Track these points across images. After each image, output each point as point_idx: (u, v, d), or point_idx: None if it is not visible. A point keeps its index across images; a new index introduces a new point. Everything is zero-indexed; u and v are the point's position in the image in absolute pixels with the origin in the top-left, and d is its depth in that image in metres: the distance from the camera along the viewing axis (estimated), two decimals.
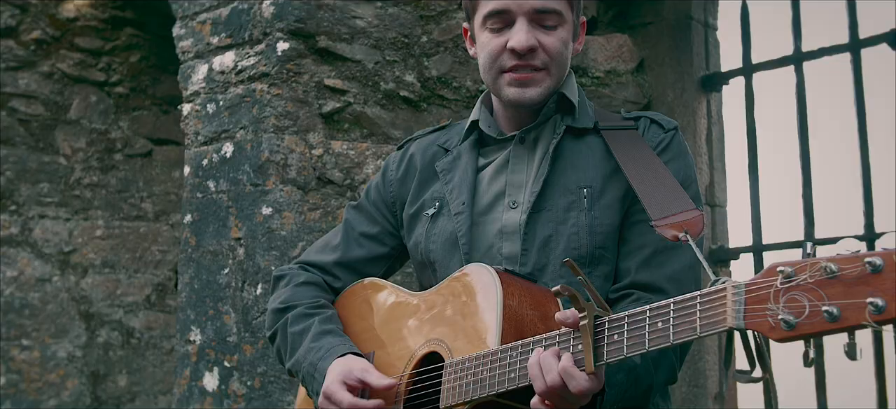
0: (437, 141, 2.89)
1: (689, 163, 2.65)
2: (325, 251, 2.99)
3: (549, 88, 2.61)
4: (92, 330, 6.59)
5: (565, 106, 2.68)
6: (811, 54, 5.31)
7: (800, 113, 5.32)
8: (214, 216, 4.82)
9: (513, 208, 2.62)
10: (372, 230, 2.94)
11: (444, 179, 2.77)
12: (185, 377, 4.84)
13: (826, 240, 5.26)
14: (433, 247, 2.72)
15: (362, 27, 4.76)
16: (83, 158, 6.69)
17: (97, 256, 6.67)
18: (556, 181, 2.59)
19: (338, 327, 2.80)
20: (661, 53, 5.53)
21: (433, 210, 2.76)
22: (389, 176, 2.94)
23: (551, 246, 2.55)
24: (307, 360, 2.70)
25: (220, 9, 4.98)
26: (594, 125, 2.68)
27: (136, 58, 6.74)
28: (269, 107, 4.67)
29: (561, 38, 2.60)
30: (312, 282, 2.93)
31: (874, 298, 1.69)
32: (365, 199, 2.98)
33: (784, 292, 1.80)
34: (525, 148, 2.67)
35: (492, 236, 2.62)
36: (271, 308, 2.93)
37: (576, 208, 2.56)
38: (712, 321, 1.93)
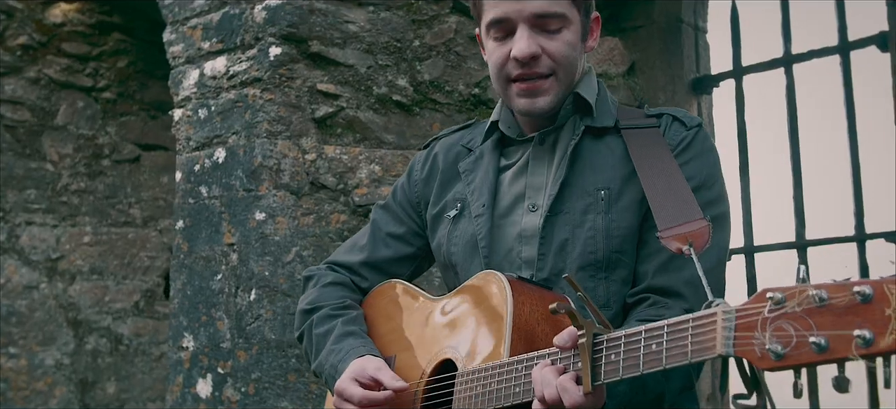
0: (461, 140, 2.86)
1: (712, 161, 2.57)
2: (352, 251, 2.99)
3: (558, 95, 2.57)
4: (80, 337, 6.56)
5: (582, 106, 2.63)
6: (801, 57, 5.34)
7: (790, 115, 5.35)
8: (207, 222, 4.81)
9: (532, 211, 2.58)
10: (398, 231, 2.93)
11: (466, 180, 2.74)
12: (178, 383, 4.82)
13: (817, 241, 5.29)
14: (454, 249, 2.70)
15: (355, 32, 4.76)
16: (70, 165, 6.66)
17: (85, 262, 6.64)
18: (574, 183, 2.55)
19: (360, 329, 2.80)
20: (651, 56, 5.55)
21: (455, 211, 2.73)
22: (414, 176, 2.92)
23: (568, 250, 2.51)
24: (329, 361, 2.71)
25: (211, 14, 4.96)
26: (614, 124, 2.63)
27: (123, 63, 6.71)
28: (262, 112, 4.66)
29: (566, 41, 2.54)
30: (339, 282, 2.93)
31: (862, 330, 1.63)
32: (392, 199, 2.97)
33: (773, 321, 1.75)
34: (544, 150, 2.63)
35: (511, 240, 2.60)
36: (299, 309, 2.94)
37: (593, 211, 2.51)
38: (703, 347, 1.89)
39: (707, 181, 2.51)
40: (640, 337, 2.01)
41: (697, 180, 2.49)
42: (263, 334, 4.55)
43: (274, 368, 4.53)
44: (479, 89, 4.87)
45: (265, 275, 4.58)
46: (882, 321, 1.62)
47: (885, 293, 1.62)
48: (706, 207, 2.44)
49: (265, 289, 4.57)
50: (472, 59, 4.89)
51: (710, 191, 2.50)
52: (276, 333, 4.54)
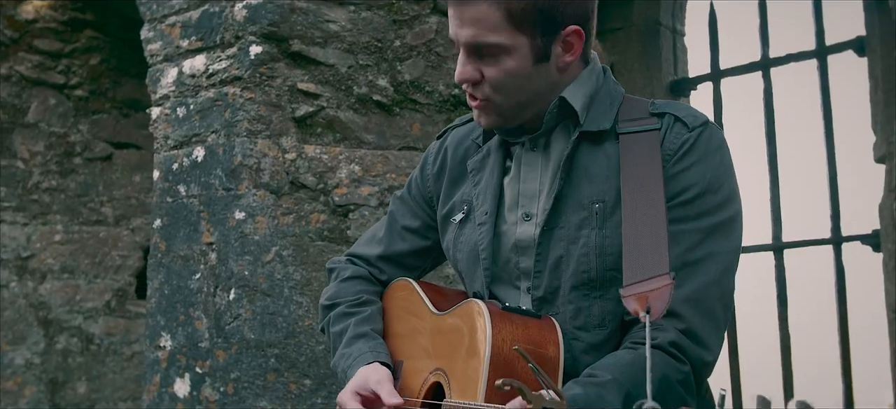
0: (471, 133, 2.75)
1: (717, 162, 2.42)
2: (371, 244, 2.95)
3: (504, 115, 2.48)
4: (50, 337, 6.51)
5: (569, 111, 2.50)
6: (779, 60, 5.38)
7: (767, 118, 5.39)
8: (185, 221, 4.78)
9: (526, 220, 2.52)
10: (414, 224, 2.88)
11: (473, 180, 2.66)
12: (155, 383, 4.79)
13: (794, 243, 5.33)
14: (460, 256, 2.65)
15: (336, 31, 4.74)
16: (42, 162, 6.60)
17: (56, 261, 6.59)
18: (570, 195, 2.46)
19: (372, 329, 2.76)
20: (630, 59, 5.57)
21: (461, 215, 2.66)
22: (427, 170, 2.85)
23: (562, 268, 2.44)
24: (340, 366, 2.69)
25: (190, 12, 4.93)
26: (613, 126, 2.48)
27: (96, 60, 6.66)
28: (242, 111, 4.64)
29: (505, 69, 2.39)
30: (358, 275, 2.90)
31: None
32: (407, 191, 2.91)
33: None
34: (536, 154, 2.55)
35: (508, 250, 2.54)
36: (321, 304, 2.92)
37: (587, 226, 2.42)
38: None
39: (711, 185, 2.38)
40: None
41: (700, 187, 2.38)
42: (243, 333, 4.53)
43: (253, 367, 4.51)
44: (459, 90, 4.87)
45: (245, 274, 4.56)
46: None
47: None
48: (708, 214, 2.36)
49: (245, 288, 4.55)
50: (453, 60, 4.88)
51: (715, 195, 2.38)
52: (256, 332, 4.52)
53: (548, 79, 2.46)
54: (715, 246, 2.35)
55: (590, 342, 2.44)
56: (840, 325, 5.22)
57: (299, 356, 4.53)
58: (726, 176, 2.42)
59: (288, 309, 4.54)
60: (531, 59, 2.41)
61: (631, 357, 2.32)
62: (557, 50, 2.45)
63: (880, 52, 4.97)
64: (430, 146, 2.91)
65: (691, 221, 2.35)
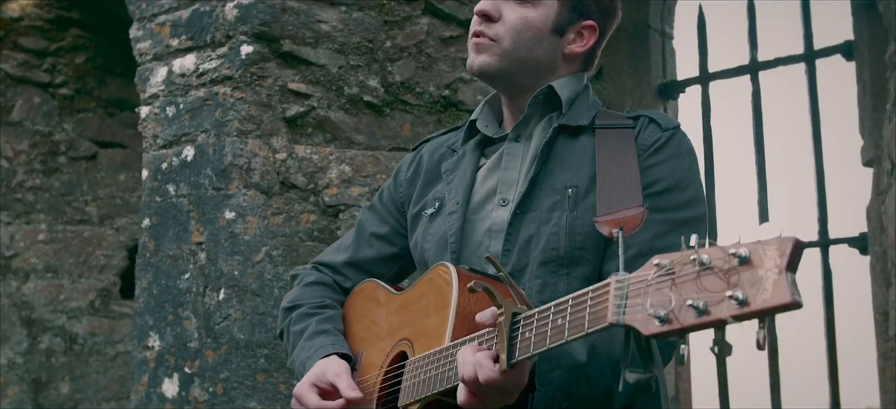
0: (447, 141, 2.83)
1: (687, 164, 2.51)
2: (337, 251, 2.98)
3: (500, 63, 2.54)
4: (34, 336, 6.47)
5: (555, 101, 2.59)
6: (767, 64, 5.41)
7: (755, 121, 5.41)
8: (174, 220, 4.77)
9: (502, 205, 2.56)
10: (382, 231, 2.91)
11: (446, 179, 2.71)
12: (143, 383, 4.77)
13: None
14: (427, 246, 2.68)
15: (327, 31, 4.74)
16: (26, 161, 6.57)
17: (39, 260, 6.55)
18: (544, 181, 2.52)
19: (334, 327, 2.78)
20: (619, 61, 5.59)
21: (432, 210, 2.71)
22: (400, 177, 2.90)
23: (531, 246, 2.49)
24: (299, 359, 2.70)
25: (180, 11, 4.92)
26: (590, 123, 2.59)
27: (81, 59, 6.63)
28: (233, 110, 4.63)
29: (524, 16, 2.52)
30: (321, 282, 2.91)
31: (736, 291, 1.60)
32: (378, 200, 2.95)
33: (657, 287, 1.73)
34: (519, 145, 2.61)
35: (481, 235, 2.57)
36: (281, 307, 2.93)
37: (559, 208, 2.48)
38: (597, 317, 1.87)
39: (680, 183, 2.47)
40: (549, 312, 2.00)
41: (669, 182, 2.46)
42: (232, 333, 4.52)
43: (242, 368, 4.51)
44: (449, 91, 4.88)
45: (234, 274, 4.55)
46: (755, 282, 1.59)
47: (760, 254, 1.60)
48: (675, 209, 2.44)
49: (234, 288, 4.54)
50: (443, 61, 4.90)
51: (682, 193, 2.46)
52: (246, 333, 4.51)
53: (551, 55, 2.57)
54: (680, 239, 2.40)
55: None
56: (827, 327, 5.25)
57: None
58: (694, 179, 2.51)
59: (278, 309, 4.51)
60: (550, 25, 2.53)
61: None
62: (571, 35, 2.56)
63: (868, 56, 5.00)
64: (404, 157, 2.96)
65: (659, 212, 2.42)
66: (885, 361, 4.92)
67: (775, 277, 1.58)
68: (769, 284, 1.58)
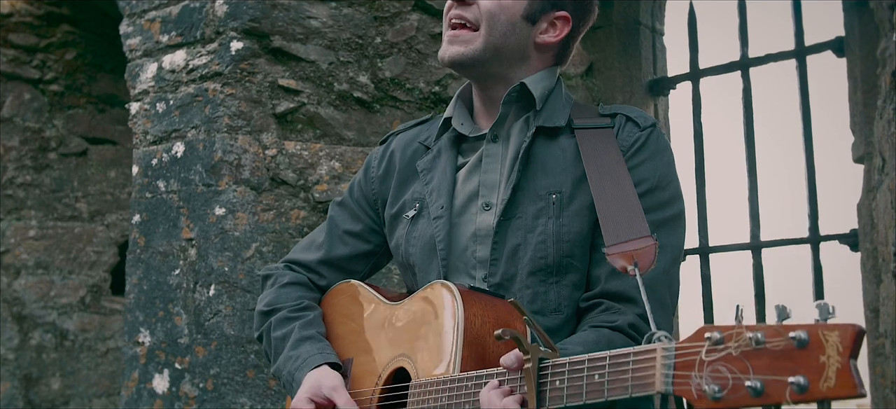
0: (418, 137, 2.83)
1: (666, 161, 2.56)
2: (310, 250, 2.96)
3: (475, 52, 2.54)
4: (24, 332, 6.46)
5: (528, 99, 2.61)
6: (758, 60, 5.40)
7: (746, 117, 5.40)
8: (164, 217, 4.76)
9: (486, 209, 2.57)
10: (355, 228, 2.90)
11: (424, 179, 2.71)
12: (134, 379, 4.77)
13: (772, 242, 5.35)
14: (413, 250, 2.68)
15: (317, 27, 4.73)
16: (16, 157, 6.55)
17: (30, 256, 6.54)
18: (527, 187, 2.54)
19: (318, 332, 2.77)
20: (610, 58, 5.58)
21: (413, 212, 2.70)
22: (371, 173, 2.89)
23: (519, 255, 2.50)
24: (286, 369, 2.69)
25: (169, 7, 4.91)
26: (568, 123, 2.60)
27: (71, 55, 6.61)
28: (223, 106, 4.62)
29: (499, 2, 2.53)
30: (297, 282, 2.90)
31: (797, 376, 1.61)
32: (349, 195, 2.94)
33: (710, 362, 1.73)
34: (498, 146, 2.62)
35: (466, 239, 2.58)
36: (257, 310, 2.91)
37: (544, 215, 2.50)
38: (643, 383, 1.87)
39: (661, 182, 2.51)
40: (584, 366, 2.00)
41: (651, 182, 2.49)
42: (222, 329, 4.51)
43: (233, 363, 4.50)
44: (439, 87, 4.87)
45: (224, 270, 4.54)
46: (816, 368, 1.60)
47: (820, 340, 1.61)
48: (658, 209, 2.47)
49: (224, 284, 4.54)
50: (433, 58, 4.89)
51: (664, 192, 2.50)
52: (236, 328, 4.50)
53: (523, 44, 2.59)
54: (664, 239, 2.45)
55: (546, 326, 2.49)
56: None
57: None
58: (673, 175, 2.55)
59: None
60: (522, 11, 2.55)
61: (595, 336, 2.39)
62: (543, 24, 2.58)
63: (859, 52, 4.99)
64: (372, 152, 2.96)
65: (645, 213, 2.43)
66: (876, 357, 4.92)
67: (838, 365, 1.59)
68: (832, 372, 1.59)
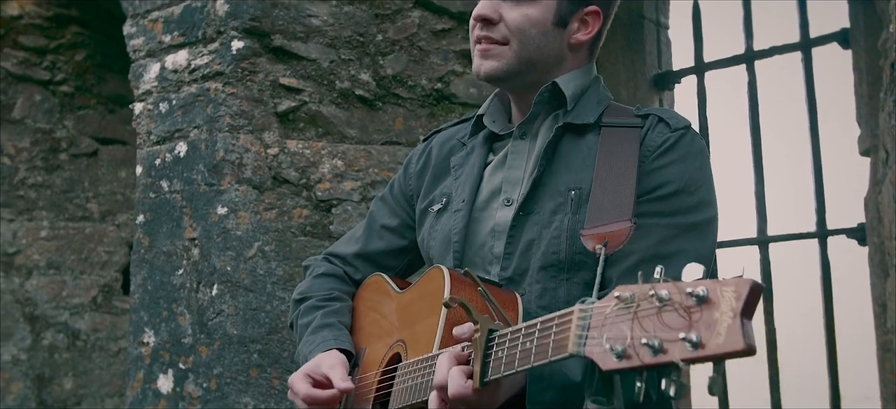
0: (457, 134, 2.81)
1: (697, 165, 2.44)
2: (349, 243, 2.98)
3: (509, 65, 2.51)
4: (37, 333, 6.48)
5: (560, 97, 2.55)
6: (763, 53, 5.37)
7: (752, 111, 5.37)
8: (168, 216, 4.77)
9: (507, 205, 2.53)
10: (392, 223, 2.90)
11: (455, 175, 2.69)
12: (139, 379, 4.78)
13: (779, 237, 5.32)
14: (433, 243, 2.67)
15: (318, 26, 4.73)
16: (27, 158, 6.58)
17: (42, 257, 6.56)
18: (548, 183, 2.49)
19: (339, 321, 2.78)
20: (614, 52, 5.56)
21: (440, 206, 2.69)
22: (410, 169, 2.89)
23: (532, 250, 2.46)
24: (303, 352, 2.72)
25: (172, 7, 4.92)
26: (596, 121, 2.54)
27: (81, 56, 6.63)
28: (224, 106, 4.63)
29: (525, 14, 2.47)
30: (331, 273, 2.93)
31: (690, 333, 1.55)
32: (389, 191, 2.95)
33: (616, 320, 1.68)
34: (525, 143, 2.58)
35: (485, 235, 2.55)
36: (292, 298, 2.95)
37: (561, 211, 2.44)
38: (559, 345, 1.84)
39: (688, 186, 2.40)
40: (520, 333, 1.98)
41: (677, 184, 2.39)
42: (225, 329, 4.52)
43: (236, 363, 4.50)
44: (441, 84, 4.86)
45: (227, 270, 4.54)
46: (710, 325, 1.55)
47: (718, 296, 1.56)
48: (684, 213, 2.38)
49: (227, 284, 4.54)
50: (435, 54, 4.88)
51: (691, 196, 2.39)
52: (238, 328, 4.51)
53: (557, 49, 2.53)
54: (687, 244, 2.36)
55: None
56: (826, 319, 5.21)
57: (282, 352, 4.52)
58: (704, 181, 2.43)
59: (271, 304, 4.53)
60: (552, 18, 2.50)
61: None
62: (575, 24, 2.53)
63: (864, 44, 4.96)
64: (415, 148, 2.95)
65: (665, 216, 2.37)
66: (885, 353, 4.88)
67: (729, 321, 1.54)
68: (723, 328, 1.54)
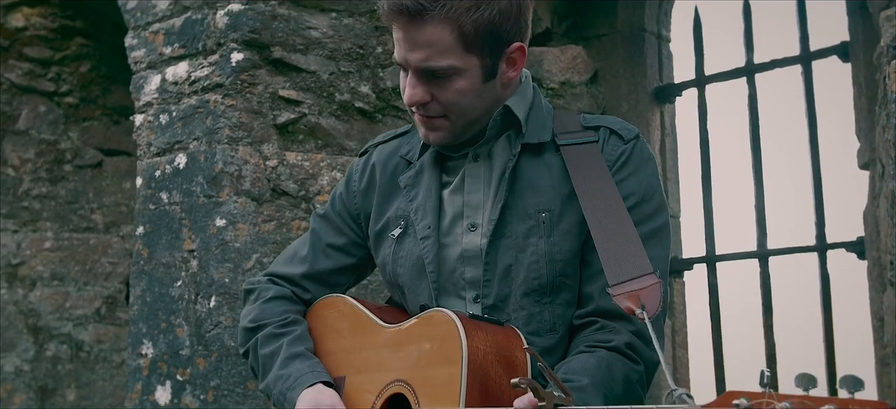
0: (399, 150, 2.79)
1: (650, 172, 2.55)
2: (293, 263, 2.93)
3: (454, 132, 2.53)
4: (40, 344, 6.50)
5: (512, 119, 2.58)
6: (763, 66, 5.36)
7: (752, 124, 5.36)
8: (167, 228, 4.78)
9: (472, 230, 2.55)
10: (339, 241, 2.88)
11: (407, 196, 2.68)
12: (137, 391, 4.79)
13: (779, 250, 5.30)
14: (401, 270, 2.66)
15: (317, 38, 4.74)
16: (32, 169, 6.60)
17: (46, 268, 6.58)
18: (515, 205, 2.52)
19: (307, 349, 2.75)
20: (615, 65, 5.56)
21: (399, 230, 2.68)
22: (352, 186, 2.86)
23: (512, 276, 2.48)
24: (277, 388, 2.67)
25: (173, 19, 4.94)
26: (552, 138, 2.58)
27: (86, 68, 6.66)
28: (224, 118, 4.64)
29: (456, 89, 2.45)
30: (281, 296, 2.88)
31: None
32: (331, 208, 2.91)
33: None
34: (479, 165, 2.59)
35: (454, 261, 2.57)
36: (242, 326, 2.89)
37: (535, 235, 2.48)
38: None
39: (646, 195, 2.51)
40: None
41: (638, 196, 2.49)
42: (223, 341, 4.53)
43: (233, 375, 4.51)
44: None
45: (225, 282, 4.55)
46: None
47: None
48: (645, 221, 2.46)
49: (225, 296, 4.55)
50: None
51: (649, 204, 2.50)
52: (236, 340, 4.50)
53: (494, 94, 2.54)
54: (652, 251, 2.43)
55: (542, 346, 2.48)
56: (825, 332, 5.19)
57: None
58: (657, 185, 2.55)
59: None
60: (481, 79, 2.49)
61: (595, 361, 2.38)
62: (503, 67, 2.53)
63: (863, 57, 4.95)
64: (353, 163, 2.92)
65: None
66: (883, 367, 4.86)
67: None
68: None
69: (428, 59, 2.42)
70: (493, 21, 2.43)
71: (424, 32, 2.40)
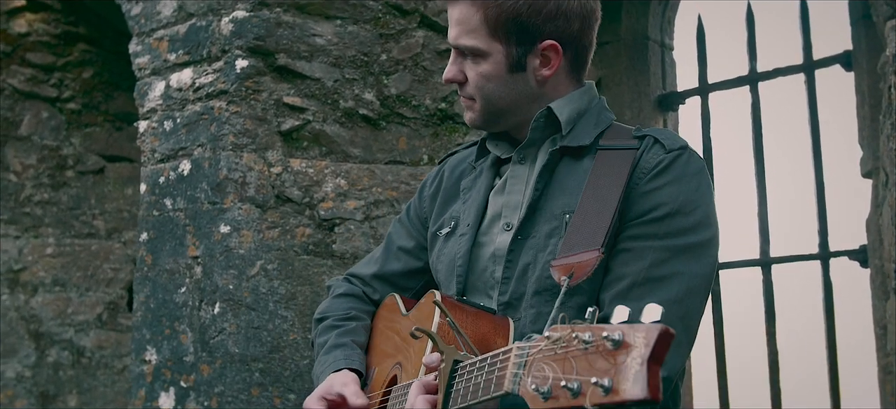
0: (469, 157, 2.83)
1: (693, 186, 2.40)
2: (368, 264, 3.04)
3: (482, 117, 2.57)
4: (41, 350, 6.50)
5: (555, 123, 2.56)
6: (766, 75, 5.38)
7: (755, 132, 5.38)
8: (171, 235, 4.78)
9: (507, 230, 2.56)
10: (408, 244, 2.94)
11: (463, 198, 2.73)
12: (141, 397, 4.79)
13: (782, 258, 5.31)
14: (440, 267, 2.72)
15: (321, 45, 4.75)
16: (34, 175, 6.60)
17: (47, 274, 6.58)
18: (543, 206, 2.51)
19: (352, 341, 2.82)
20: (618, 73, 5.57)
21: (448, 230, 2.72)
22: (424, 192, 2.93)
23: (528, 274, 2.47)
24: (317, 372, 2.77)
25: (177, 26, 4.94)
26: (593, 143, 2.54)
27: (88, 74, 6.67)
28: (228, 124, 4.64)
29: (480, 73, 2.49)
30: (351, 294, 2.98)
31: (603, 377, 1.55)
32: (405, 213, 2.99)
33: (542, 361, 1.68)
34: (524, 167, 2.60)
35: (486, 259, 2.58)
36: (314, 318, 3.02)
37: (556, 235, 2.45)
38: (499, 382, 1.86)
39: (684, 207, 2.36)
40: (475, 366, 2.01)
41: (671, 206, 2.36)
42: (227, 347, 4.53)
43: (237, 382, 4.51)
44: (445, 104, 4.87)
45: (229, 288, 4.55)
46: (623, 369, 1.54)
47: (632, 341, 1.55)
48: (678, 235, 2.35)
49: (229, 302, 4.55)
50: (439, 74, 4.89)
51: (686, 217, 2.36)
52: (240, 346, 4.51)
53: (526, 89, 2.55)
54: (681, 266, 2.34)
55: None
56: (828, 341, 5.21)
57: (284, 371, 4.52)
58: (702, 201, 2.40)
59: (272, 323, 4.53)
60: (505, 67, 2.52)
61: None
62: (534, 62, 2.53)
63: (866, 66, 4.96)
64: (431, 171, 3.00)
65: (658, 239, 2.35)
66: (886, 375, 4.87)
67: (637, 367, 1.54)
68: (631, 374, 1.54)
69: (458, 36, 2.52)
70: (520, 12, 2.47)
71: (458, 9, 2.52)
